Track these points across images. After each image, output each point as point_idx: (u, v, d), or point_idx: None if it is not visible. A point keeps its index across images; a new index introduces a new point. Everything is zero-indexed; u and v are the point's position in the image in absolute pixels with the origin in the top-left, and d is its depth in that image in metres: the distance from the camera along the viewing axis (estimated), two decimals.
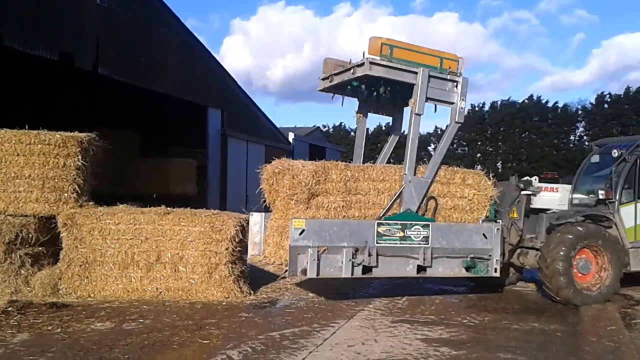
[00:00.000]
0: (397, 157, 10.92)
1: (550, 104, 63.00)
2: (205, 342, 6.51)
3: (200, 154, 20.45)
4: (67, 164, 9.00)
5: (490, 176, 9.54)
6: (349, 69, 8.94)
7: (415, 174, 8.76)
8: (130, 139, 18.23)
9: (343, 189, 8.33)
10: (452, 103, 9.10)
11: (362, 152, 9.95)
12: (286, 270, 7.92)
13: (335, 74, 9.27)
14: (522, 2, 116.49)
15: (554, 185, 10.27)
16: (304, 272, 7.73)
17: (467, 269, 8.50)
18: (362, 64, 8.61)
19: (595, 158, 10.73)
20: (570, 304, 8.74)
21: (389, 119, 10.60)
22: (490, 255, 8.56)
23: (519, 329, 7.54)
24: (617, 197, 9.51)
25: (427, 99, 8.83)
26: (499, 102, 66.01)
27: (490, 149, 66.21)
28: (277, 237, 8.69)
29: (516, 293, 10.27)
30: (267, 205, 9.46)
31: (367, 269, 7.99)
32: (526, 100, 64.42)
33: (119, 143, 13.61)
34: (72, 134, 9.05)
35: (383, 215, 8.48)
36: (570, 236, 8.81)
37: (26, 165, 8.88)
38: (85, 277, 8.69)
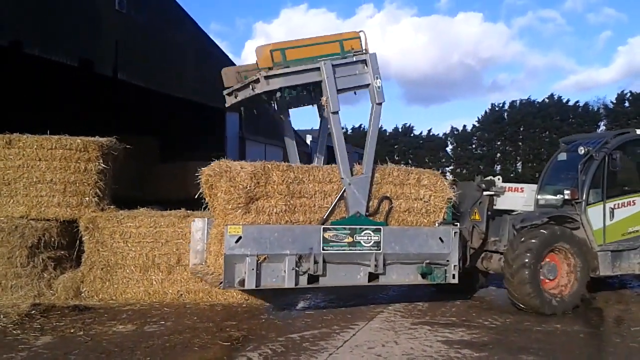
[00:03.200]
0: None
1: (572, 103, 62.41)
2: (226, 343, 6.53)
3: (219, 158, 20.53)
4: (88, 168, 9.12)
5: (447, 176, 8.93)
6: (248, 85, 8.03)
7: (352, 174, 7.93)
8: (150, 144, 18.40)
9: (286, 192, 7.56)
10: (368, 85, 8.17)
11: (296, 150, 9.14)
12: (221, 282, 7.20)
13: (238, 90, 8.33)
14: (548, 1, 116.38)
15: (519, 185, 9.71)
16: (242, 283, 7.12)
17: (423, 275, 8.00)
18: (258, 80, 7.79)
19: (563, 156, 10.21)
20: (537, 313, 8.17)
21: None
22: (447, 261, 8.08)
23: (541, 331, 7.45)
24: (584, 197, 8.89)
25: (339, 91, 7.93)
26: (517, 102, 65.49)
27: (510, 149, 65.66)
28: (218, 245, 7.74)
29: None
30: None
31: (313, 278, 7.46)
32: (546, 100, 63.82)
33: (139, 147, 13.69)
34: (92, 138, 9.17)
35: (326, 219, 7.75)
36: (536, 241, 8.24)
37: (48, 170, 9.00)
38: (107, 280, 8.79)
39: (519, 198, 9.44)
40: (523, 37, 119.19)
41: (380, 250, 7.73)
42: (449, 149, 70.74)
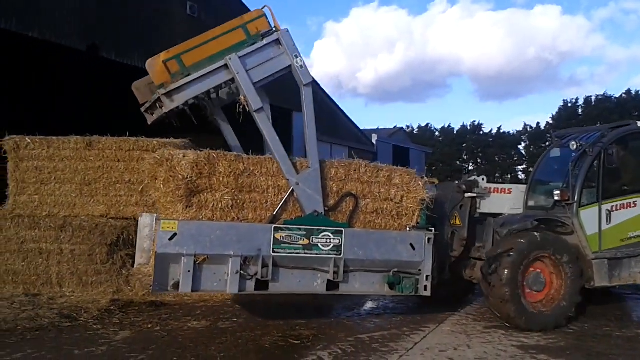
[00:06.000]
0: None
1: None
2: (296, 342, 6.60)
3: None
4: None
5: (424, 175, 7.70)
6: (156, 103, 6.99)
7: (298, 172, 6.92)
8: (219, 143, 18.84)
9: (233, 185, 6.65)
10: (289, 67, 7.14)
11: (238, 145, 7.98)
12: (152, 285, 6.34)
13: (151, 108, 7.15)
14: None
15: (506, 186, 8.82)
16: (176, 286, 6.23)
17: (391, 285, 7.01)
18: (160, 100, 6.81)
19: (556, 152, 9.04)
20: (510, 324, 7.38)
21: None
22: (419, 270, 7.05)
23: (622, 336, 7.13)
24: (576, 199, 7.84)
25: (256, 84, 6.90)
26: (593, 97, 62.58)
27: None
28: None
29: (616, 298, 9.68)
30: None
31: (262, 284, 6.52)
32: (624, 95, 60.67)
33: (210, 147, 14.06)
34: (168, 139, 9.47)
35: (276, 217, 6.80)
36: (513, 254, 7.25)
37: (126, 170, 9.36)
38: None
39: (506, 200, 8.64)
40: (604, 29, 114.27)
41: (340, 255, 6.75)
42: (521, 146, 68.37)
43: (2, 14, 11.54)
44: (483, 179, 8.58)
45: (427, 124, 71.28)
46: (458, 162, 65.85)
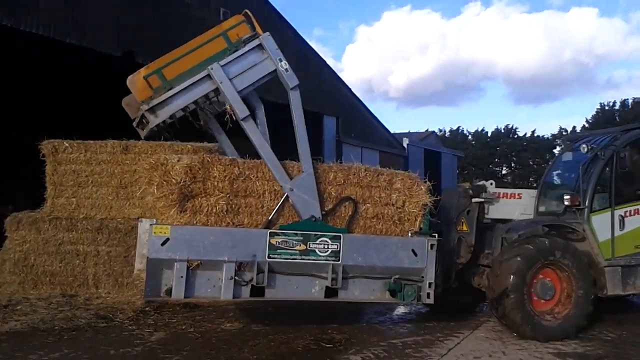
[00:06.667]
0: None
1: None
2: (329, 346, 6.59)
3: (316, 161, 20.86)
4: None
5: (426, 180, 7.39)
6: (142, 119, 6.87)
7: (291, 177, 6.82)
8: (250, 147, 19.00)
9: (228, 190, 6.56)
10: (274, 71, 7.00)
11: (235, 152, 7.63)
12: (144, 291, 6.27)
13: (140, 123, 7.01)
14: None
15: (516, 191, 8.50)
16: (169, 292, 6.10)
17: (392, 292, 6.80)
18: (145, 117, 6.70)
19: (568, 156, 8.70)
20: (515, 332, 7.10)
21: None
22: (422, 277, 6.81)
23: None
24: (587, 204, 7.54)
25: (241, 92, 6.78)
26: (630, 100, 61.00)
27: None
28: None
29: None
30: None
31: (258, 290, 6.36)
32: None
33: (242, 152, 14.19)
34: (202, 144, 9.55)
35: (272, 222, 6.68)
36: (520, 259, 6.98)
37: None
38: None
39: (516, 205, 8.33)
40: None
41: (339, 261, 6.56)
42: (556, 150, 66.98)
43: (43, 22, 11.87)
44: (492, 184, 8.34)
45: (459, 127, 70.48)
46: (491, 166, 64.99)
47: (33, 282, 9.21)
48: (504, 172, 63.67)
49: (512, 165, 65.43)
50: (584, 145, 7.81)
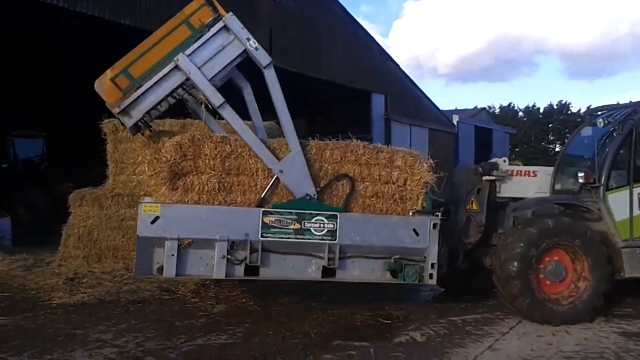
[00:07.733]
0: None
1: None
2: (387, 321, 6.64)
3: (365, 139, 20.74)
4: None
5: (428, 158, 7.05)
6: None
7: (279, 158, 6.52)
8: (300, 127, 19.07)
9: (220, 168, 6.40)
10: (244, 52, 6.56)
11: (220, 127, 7.24)
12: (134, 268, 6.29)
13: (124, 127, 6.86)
14: None
15: (531, 168, 8.11)
16: (160, 270, 6.08)
17: (393, 273, 6.58)
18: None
19: (587, 130, 8.16)
20: (525, 318, 6.78)
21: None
22: (424, 257, 6.61)
23: None
24: (603, 181, 7.11)
25: (212, 79, 6.42)
26: None
27: None
28: None
29: None
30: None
31: (252, 269, 6.26)
32: None
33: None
34: (250, 122, 9.60)
35: (264, 200, 6.47)
36: (533, 230, 6.70)
37: None
38: None
39: (530, 183, 7.90)
40: None
41: (335, 240, 6.40)
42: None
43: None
44: (505, 161, 7.97)
45: (510, 104, 68.72)
46: (543, 143, 63.27)
47: (97, 256, 9.52)
48: (557, 149, 61.91)
49: (566, 142, 63.48)
50: (600, 120, 7.42)
